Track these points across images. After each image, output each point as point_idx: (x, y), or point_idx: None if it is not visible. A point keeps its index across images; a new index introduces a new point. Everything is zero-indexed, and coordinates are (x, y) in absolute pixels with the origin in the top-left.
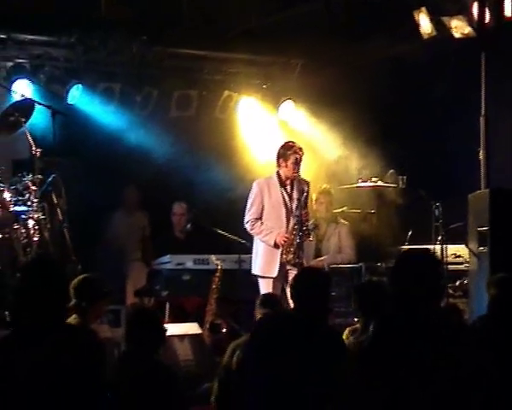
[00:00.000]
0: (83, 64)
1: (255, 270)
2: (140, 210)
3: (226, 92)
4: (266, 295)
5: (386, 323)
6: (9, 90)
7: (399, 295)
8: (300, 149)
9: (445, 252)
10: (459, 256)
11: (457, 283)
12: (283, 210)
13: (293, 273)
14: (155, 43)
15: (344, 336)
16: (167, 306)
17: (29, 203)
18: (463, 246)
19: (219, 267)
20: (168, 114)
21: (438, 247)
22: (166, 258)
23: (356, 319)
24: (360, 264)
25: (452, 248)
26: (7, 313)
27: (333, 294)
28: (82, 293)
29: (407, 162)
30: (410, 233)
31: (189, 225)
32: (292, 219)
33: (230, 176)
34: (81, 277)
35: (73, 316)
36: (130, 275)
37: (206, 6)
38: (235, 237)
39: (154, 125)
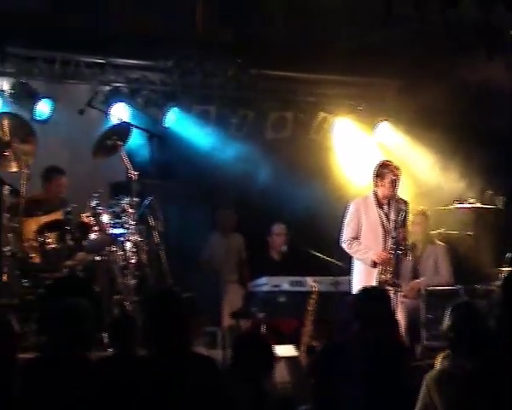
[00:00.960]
0: (179, 87)
1: (354, 290)
2: (236, 232)
3: (321, 114)
4: None
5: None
6: (107, 114)
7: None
8: (397, 168)
9: None
10: None
11: None
12: (380, 230)
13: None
14: (250, 65)
15: (438, 361)
16: (263, 328)
17: (126, 226)
18: None
19: (315, 289)
20: (264, 135)
21: None
22: (263, 280)
23: None
24: (458, 286)
25: None
26: (105, 334)
27: (429, 316)
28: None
29: (506, 183)
30: (509, 255)
31: (285, 247)
32: (389, 238)
33: (326, 197)
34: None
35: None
36: (227, 297)
37: (300, 28)
38: (331, 259)
39: (249, 147)
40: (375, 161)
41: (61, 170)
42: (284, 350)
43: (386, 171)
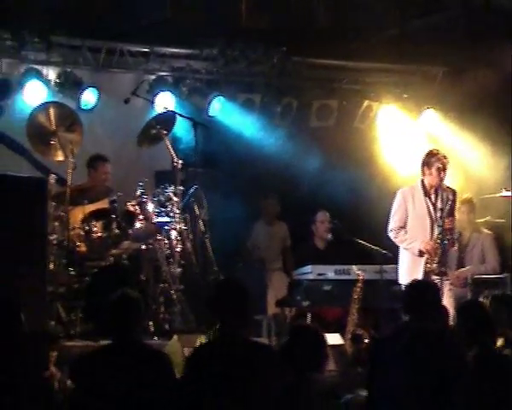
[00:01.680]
0: (223, 76)
1: (400, 279)
2: (280, 220)
3: (366, 102)
4: None
5: None
6: (152, 103)
7: None
8: (445, 156)
9: None
10: None
11: None
12: (427, 219)
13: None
14: (295, 53)
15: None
16: (308, 316)
17: (171, 214)
18: None
19: (361, 277)
20: (308, 124)
21: None
22: (307, 268)
23: None
24: (505, 274)
25: None
26: (151, 323)
27: None
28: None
29: None
30: None
31: (329, 236)
32: (436, 228)
33: (371, 186)
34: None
35: (218, 325)
36: (271, 285)
37: (344, 16)
38: (377, 248)
39: (293, 135)
40: (420, 150)
41: (105, 158)
42: (329, 339)
43: (433, 159)
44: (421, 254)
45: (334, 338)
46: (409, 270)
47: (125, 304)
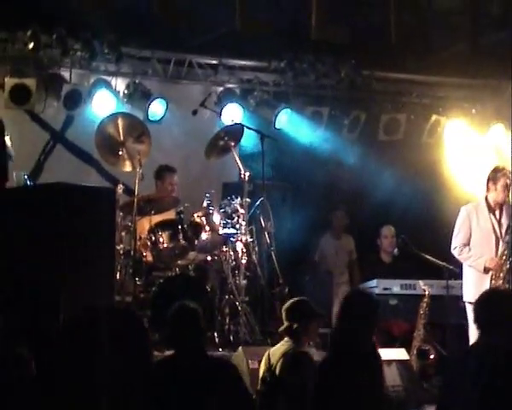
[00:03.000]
0: (292, 88)
1: (465, 296)
2: (347, 233)
3: (434, 116)
4: None
5: None
6: (219, 115)
7: None
8: (510, 172)
9: None
10: None
11: None
12: (492, 236)
13: None
14: (364, 66)
15: None
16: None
17: (238, 226)
18: None
19: (427, 293)
20: (376, 137)
21: None
22: (373, 282)
23: None
24: None
25: None
26: (216, 334)
27: None
28: (294, 315)
29: None
30: None
31: (396, 250)
32: (501, 244)
33: (438, 201)
34: (293, 299)
35: (285, 339)
36: (337, 298)
37: (414, 29)
38: (443, 263)
39: (361, 148)
40: (487, 165)
41: (172, 168)
42: (395, 353)
43: (499, 175)
44: (486, 270)
45: (399, 353)
46: (474, 287)
47: (183, 316)
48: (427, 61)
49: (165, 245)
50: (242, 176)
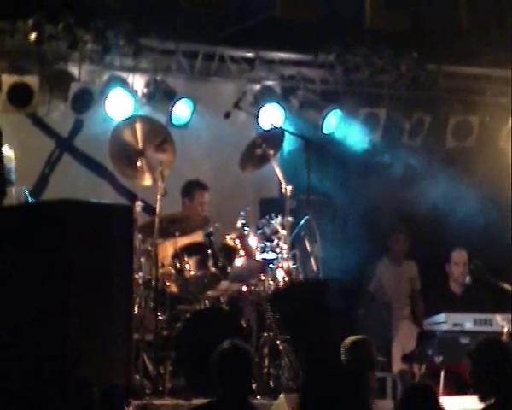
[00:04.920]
0: (342, 86)
1: None
2: (409, 259)
3: None
4: None
5: None
6: (256, 118)
7: None
8: None
9: None
10: None
11: None
12: None
13: None
14: (429, 60)
15: None
16: (442, 374)
17: (278, 250)
18: None
19: (506, 329)
20: (443, 144)
21: None
22: (441, 317)
23: None
24: None
25: None
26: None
27: None
28: (354, 356)
29: None
30: None
31: (467, 279)
32: None
33: None
34: (352, 339)
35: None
36: (397, 336)
37: (488, 15)
38: None
39: (425, 157)
40: None
41: (204, 185)
42: (467, 402)
43: None
44: None
45: (471, 402)
46: None
47: (237, 357)
48: (505, 52)
49: (192, 273)
50: (284, 190)
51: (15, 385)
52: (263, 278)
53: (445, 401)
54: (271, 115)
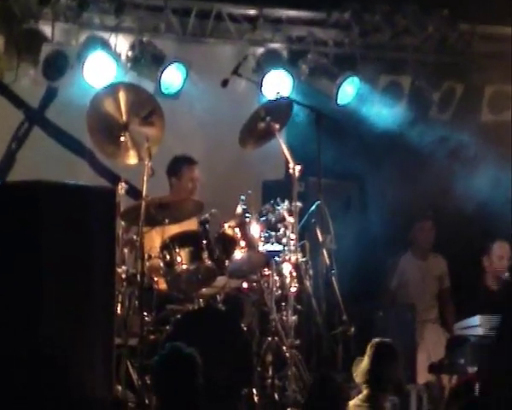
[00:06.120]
0: (359, 50)
1: None
2: (436, 253)
3: None
4: None
5: None
6: (260, 86)
7: None
8: None
9: None
10: None
11: None
12: None
13: None
14: (461, 18)
15: None
16: (476, 387)
17: (284, 241)
18: None
19: None
20: (478, 117)
21: None
22: (475, 320)
23: None
24: None
25: None
26: (254, 391)
27: None
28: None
29: None
30: None
31: (507, 274)
32: None
33: None
34: (376, 341)
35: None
36: (424, 342)
37: None
38: None
39: (456, 132)
40: None
41: (191, 159)
42: None
43: None
44: None
45: None
46: None
47: (177, 364)
48: None
49: (183, 267)
50: (291, 171)
51: None
52: (267, 273)
53: None
54: (277, 83)
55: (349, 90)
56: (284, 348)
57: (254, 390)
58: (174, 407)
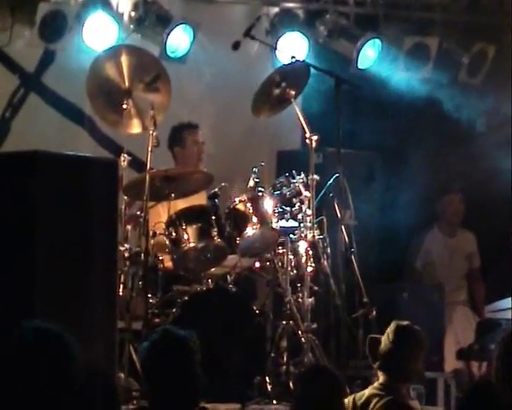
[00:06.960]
0: (382, 9)
1: None
2: (465, 229)
3: None
4: None
5: None
6: (274, 49)
7: None
8: None
9: None
10: None
11: None
12: None
13: None
14: None
15: None
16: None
17: (300, 216)
18: None
19: None
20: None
21: None
22: (508, 302)
23: None
24: None
25: None
26: (267, 379)
27: None
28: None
29: None
30: None
31: None
32: None
33: None
34: (400, 324)
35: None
36: (451, 326)
37: None
38: None
39: (487, 99)
40: None
41: (192, 124)
42: None
43: None
44: None
45: None
46: None
47: (169, 350)
48: None
49: (191, 245)
50: (307, 141)
51: None
52: (281, 251)
53: None
54: (292, 46)
55: (371, 54)
56: (300, 332)
57: (267, 378)
58: (166, 397)
